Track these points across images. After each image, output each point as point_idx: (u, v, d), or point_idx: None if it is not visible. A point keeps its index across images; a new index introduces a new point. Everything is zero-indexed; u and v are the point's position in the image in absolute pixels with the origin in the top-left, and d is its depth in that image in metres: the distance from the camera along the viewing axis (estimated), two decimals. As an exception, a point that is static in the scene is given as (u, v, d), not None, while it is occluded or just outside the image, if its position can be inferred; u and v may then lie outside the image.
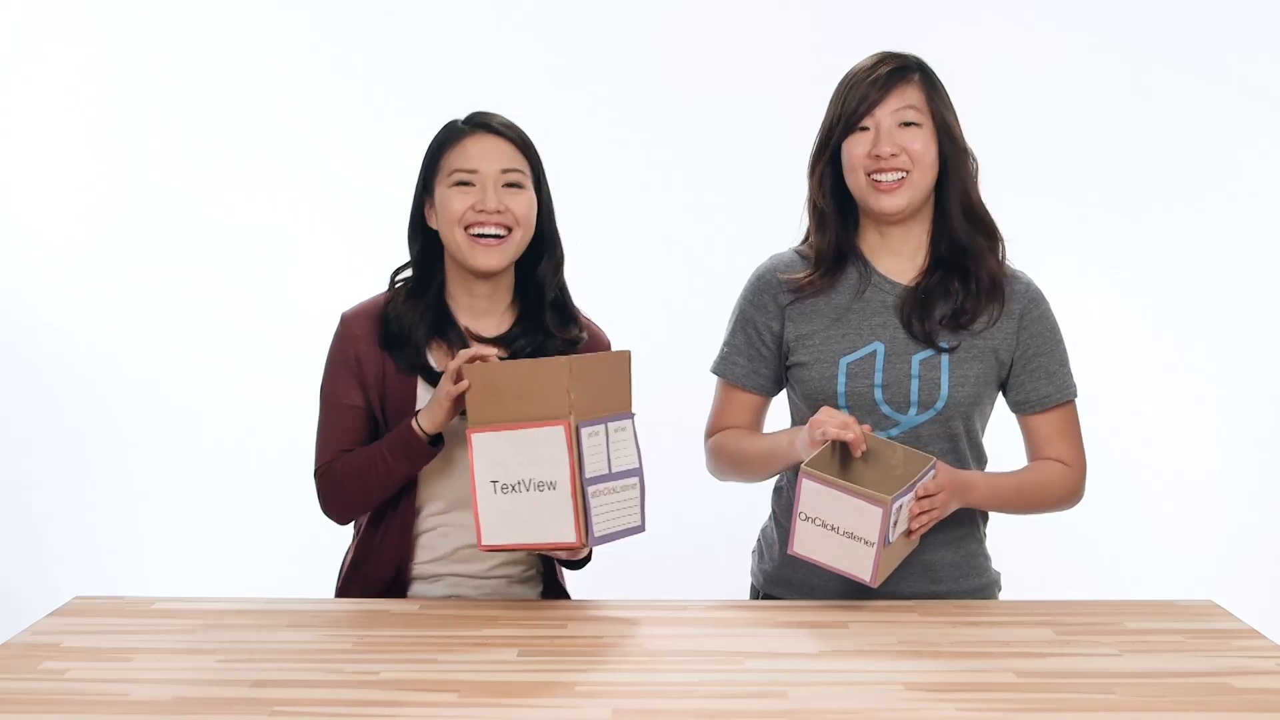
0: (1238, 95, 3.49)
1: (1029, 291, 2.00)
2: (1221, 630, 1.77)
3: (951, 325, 1.96)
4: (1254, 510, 3.54)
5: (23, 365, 3.62)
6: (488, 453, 1.76)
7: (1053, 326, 2.01)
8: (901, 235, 2.00)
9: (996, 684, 1.56)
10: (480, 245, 1.94)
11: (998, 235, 2.00)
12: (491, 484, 1.77)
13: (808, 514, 1.78)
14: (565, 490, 1.74)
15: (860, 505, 1.75)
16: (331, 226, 3.58)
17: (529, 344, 1.99)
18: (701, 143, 3.52)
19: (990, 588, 2.07)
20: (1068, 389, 2.01)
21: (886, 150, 1.91)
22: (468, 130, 1.98)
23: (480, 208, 1.93)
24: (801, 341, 2.00)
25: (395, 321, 1.98)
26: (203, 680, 1.57)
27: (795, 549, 1.81)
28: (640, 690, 1.54)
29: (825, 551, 1.79)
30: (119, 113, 3.58)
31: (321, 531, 2.18)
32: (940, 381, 1.95)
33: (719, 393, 2.10)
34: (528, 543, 1.79)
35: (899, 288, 1.99)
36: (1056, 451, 2.01)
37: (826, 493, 1.76)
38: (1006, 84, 3.44)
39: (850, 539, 1.76)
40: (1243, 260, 3.53)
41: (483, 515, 1.78)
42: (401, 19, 3.55)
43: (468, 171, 1.94)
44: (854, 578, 1.79)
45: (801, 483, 1.78)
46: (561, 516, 1.75)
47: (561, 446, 1.73)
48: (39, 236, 3.60)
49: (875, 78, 1.93)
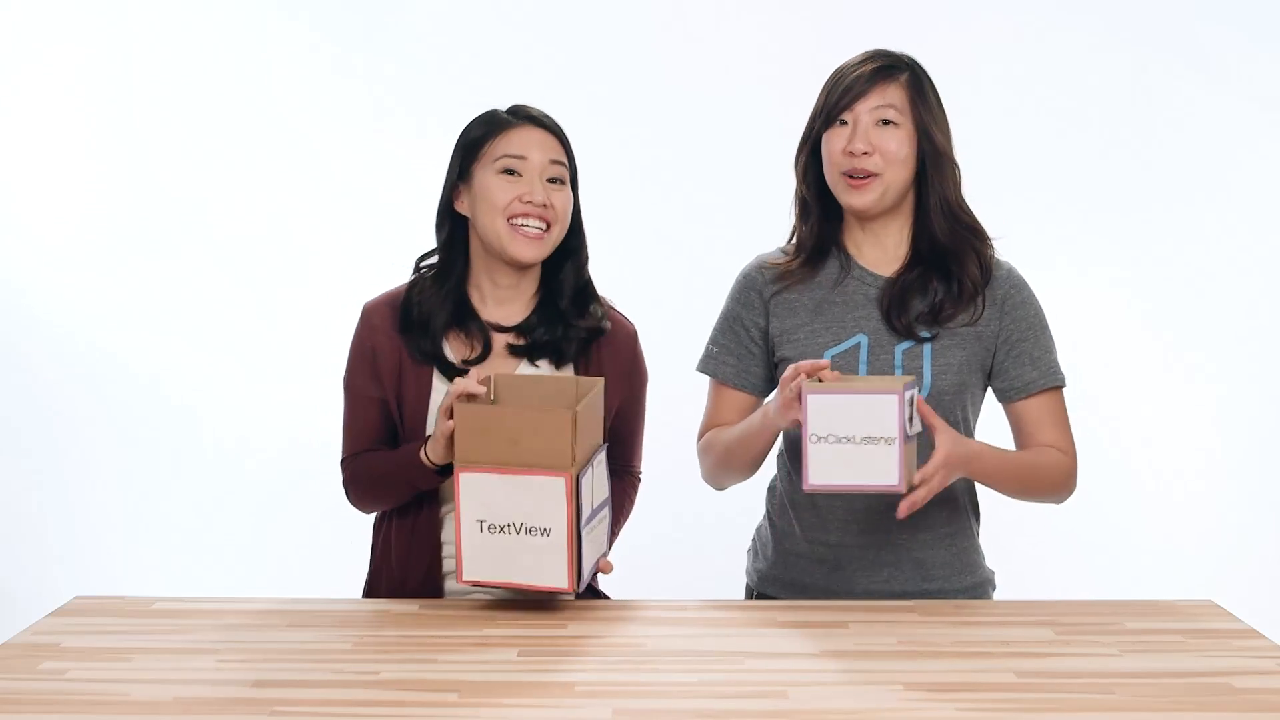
0: (1238, 95, 3.49)
1: (1010, 278, 2.00)
2: (1221, 630, 1.77)
3: (929, 321, 1.95)
4: (1254, 510, 3.54)
5: (23, 365, 3.62)
6: (475, 492, 1.72)
7: (1036, 312, 2.00)
8: (881, 229, 2.00)
9: (996, 684, 1.56)
10: (520, 235, 1.92)
11: (984, 237, 1.99)
12: (478, 523, 1.73)
13: (818, 433, 1.72)
14: (561, 539, 1.71)
15: (873, 400, 1.70)
16: (331, 227, 3.58)
17: (548, 334, 1.98)
18: (702, 143, 3.53)
19: (984, 586, 2.06)
20: (1053, 375, 1.99)
21: (859, 148, 1.91)
22: (515, 121, 1.96)
23: (527, 199, 1.91)
24: (786, 336, 2.01)
25: (417, 307, 1.98)
26: (203, 680, 1.57)
27: (811, 481, 1.74)
28: (640, 690, 1.54)
29: (844, 471, 1.72)
30: (118, 113, 3.59)
31: (321, 532, 2.19)
32: (923, 371, 1.94)
33: (710, 396, 2.10)
34: (513, 582, 1.76)
35: (880, 280, 1.99)
36: (1047, 438, 1.99)
37: (835, 401, 1.71)
38: (1006, 84, 3.44)
39: (869, 444, 1.71)
40: (1243, 260, 3.53)
41: (465, 551, 1.74)
42: (402, 19, 3.55)
43: (516, 158, 1.93)
44: (880, 489, 1.73)
45: (807, 400, 1.72)
46: (555, 562, 1.72)
47: (561, 497, 1.70)
48: (39, 237, 3.61)
49: (861, 73, 1.94)
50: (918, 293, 1.97)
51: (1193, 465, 3.55)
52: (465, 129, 2.00)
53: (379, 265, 2.12)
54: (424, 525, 1.98)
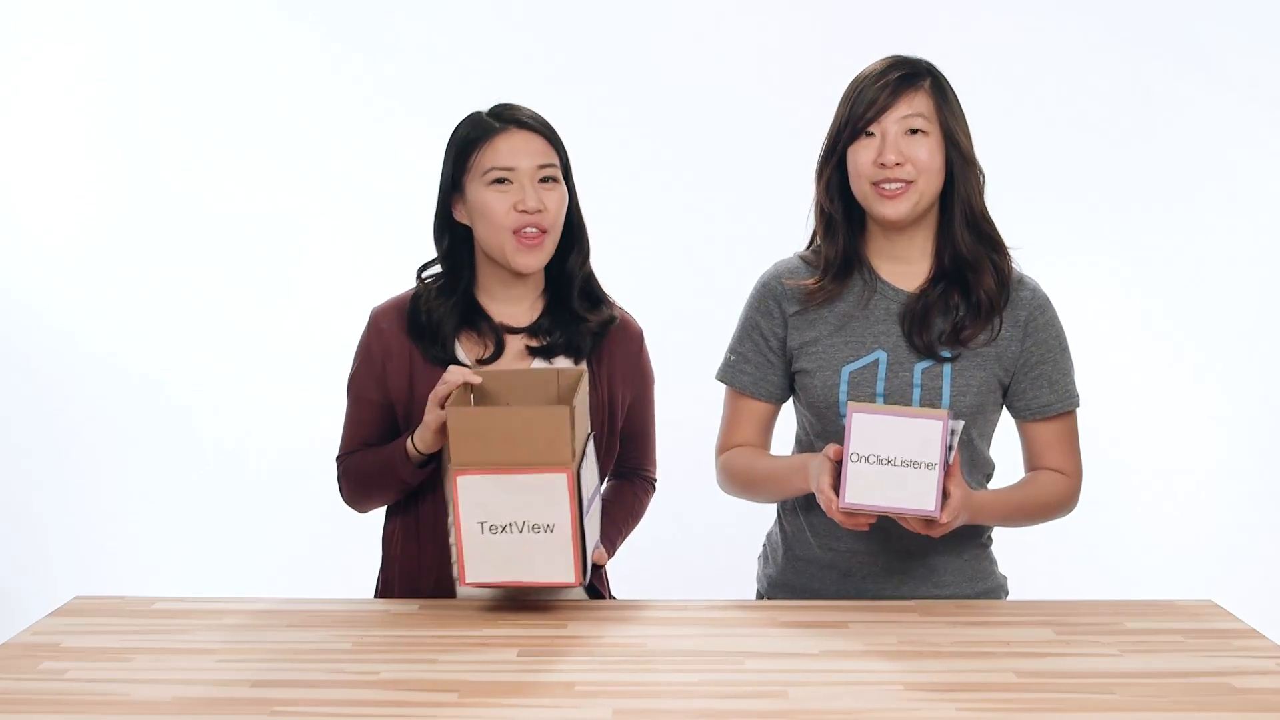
0: (1238, 95, 3.49)
1: (1035, 298, 1.98)
2: (1221, 630, 1.77)
3: (950, 341, 1.94)
4: (1254, 510, 3.54)
5: (23, 366, 3.62)
6: (474, 495, 1.71)
7: (1058, 334, 1.99)
8: (907, 242, 1.97)
9: (996, 684, 1.56)
10: (523, 248, 1.92)
11: (1003, 249, 1.98)
12: (479, 524, 1.72)
13: (860, 453, 1.72)
14: (566, 534, 1.71)
15: (918, 424, 1.70)
16: (331, 227, 3.58)
17: (562, 333, 1.99)
18: (703, 143, 3.52)
19: (995, 593, 2.05)
20: (1070, 399, 1.99)
21: (892, 159, 1.88)
22: (498, 126, 1.95)
23: (522, 207, 1.91)
24: (805, 349, 1.99)
25: (425, 315, 1.98)
26: (203, 680, 1.57)
27: (848, 499, 1.74)
28: (640, 690, 1.54)
29: (882, 492, 1.72)
30: (118, 114, 3.59)
31: (321, 532, 2.19)
32: (942, 391, 1.93)
33: (728, 403, 2.09)
34: (518, 580, 1.75)
35: (903, 295, 1.97)
36: (1054, 461, 1.99)
37: (880, 421, 1.71)
38: (1006, 84, 3.44)
39: (909, 468, 1.71)
40: (1243, 260, 3.53)
41: (467, 554, 1.73)
42: (402, 18, 3.55)
43: (505, 169, 1.92)
44: (916, 513, 1.73)
45: (852, 419, 1.72)
46: (560, 558, 1.72)
47: (563, 493, 1.70)
48: (39, 238, 3.61)
49: (884, 83, 1.90)
50: (939, 310, 1.95)
51: (1193, 465, 3.55)
52: (452, 133, 1.99)
53: (379, 266, 2.12)
54: (430, 526, 1.98)
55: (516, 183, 1.92)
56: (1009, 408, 2.02)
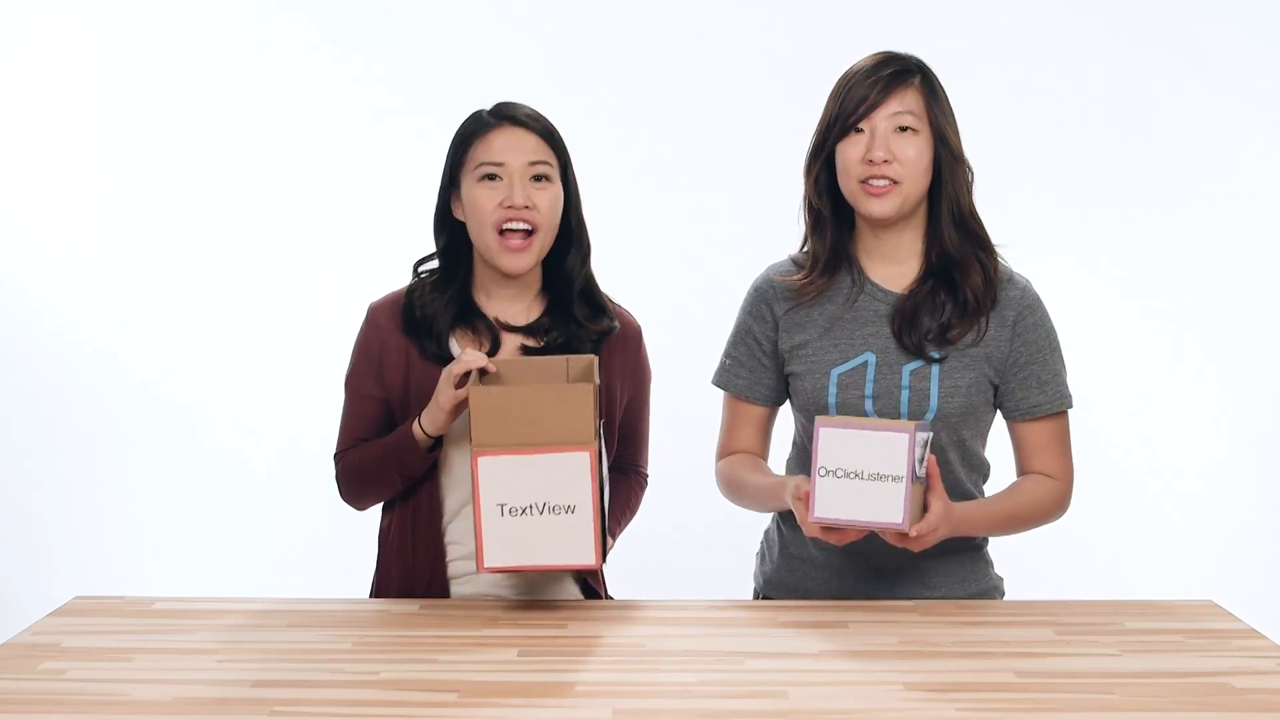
0: (1238, 95, 3.49)
1: (1024, 298, 1.96)
2: (1221, 630, 1.77)
3: (937, 341, 1.93)
4: (1254, 510, 3.54)
5: (23, 366, 3.62)
6: (494, 476, 1.71)
7: (1048, 334, 1.97)
8: (895, 239, 1.96)
9: (996, 684, 1.56)
10: (509, 250, 1.91)
11: (990, 248, 1.96)
12: (499, 506, 1.72)
13: (827, 467, 1.72)
14: (587, 514, 1.71)
15: (884, 438, 1.70)
16: (331, 227, 3.58)
17: (562, 334, 1.98)
18: (703, 143, 3.52)
19: (990, 594, 2.05)
20: (1060, 399, 1.97)
21: (880, 155, 1.87)
22: (493, 122, 1.95)
23: (508, 203, 1.90)
24: (795, 352, 1.99)
25: (419, 309, 1.98)
26: (203, 680, 1.57)
27: (817, 514, 1.73)
28: (640, 690, 1.54)
29: (850, 505, 1.72)
30: (118, 114, 3.59)
31: (321, 532, 2.19)
32: (930, 392, 1.92)
33: (725, 408, 2.09)
34: (536, 564, 1.75)
35: (892, 295, 1.96)
36: (1044, 463, 1.97)
37: (846, 435, 1.71)
38: (1006, 84, 3.44)
39: (876, 481, 1.70)
40: (1243, 260, 3.53)
41: (486, 537, 1.72)
42: (402, 18, 3.55)
43: (494, 164, 1.92)
44: (885, 527, 1.73)
45: (819, 433, 1.72)
46: (580, 539, 1.72)
47: (586, 472, 1.70)
48: (39, 238, 3.61)
49: (874, 79, 1.89)
50: (927, 311, 1.94)
51: (1193, 465, 3.55)
52: (455, 131, 2.00)
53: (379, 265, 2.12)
54: (425, 524, 1.98)
55: (506, 179, 1.92)
56: (1000, 408, 2.00)
